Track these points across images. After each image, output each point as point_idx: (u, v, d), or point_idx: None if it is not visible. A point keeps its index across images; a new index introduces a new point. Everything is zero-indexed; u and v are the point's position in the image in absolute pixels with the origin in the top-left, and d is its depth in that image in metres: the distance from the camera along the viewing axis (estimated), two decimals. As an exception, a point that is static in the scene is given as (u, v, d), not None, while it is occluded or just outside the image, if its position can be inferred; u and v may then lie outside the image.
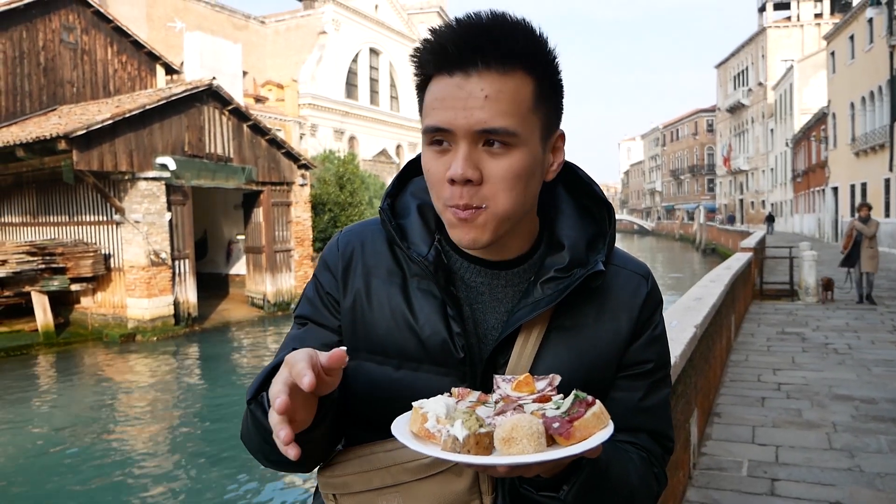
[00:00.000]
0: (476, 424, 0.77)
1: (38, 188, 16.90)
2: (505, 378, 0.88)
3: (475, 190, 0.88)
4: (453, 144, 0.88)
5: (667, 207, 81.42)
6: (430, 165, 0.91)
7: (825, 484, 4.13)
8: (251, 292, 20.01)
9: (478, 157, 0.88)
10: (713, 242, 41.77)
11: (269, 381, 0.86)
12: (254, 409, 0.89)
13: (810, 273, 12.29)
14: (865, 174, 26.78)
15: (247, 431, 0.96)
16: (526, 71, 0.88)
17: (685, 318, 4.29)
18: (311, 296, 1.06)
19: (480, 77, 0.86)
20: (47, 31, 18.34)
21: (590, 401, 0.80)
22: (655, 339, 1.04)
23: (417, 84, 0.94)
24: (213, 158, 17.47)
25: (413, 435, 0.82)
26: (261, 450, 0.94)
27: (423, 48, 0.91)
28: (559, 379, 0.88)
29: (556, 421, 0.78)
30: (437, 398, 0.84)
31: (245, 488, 7.62)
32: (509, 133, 0.87)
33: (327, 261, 1.05)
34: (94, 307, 16.34)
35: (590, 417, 0.78)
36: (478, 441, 0.76)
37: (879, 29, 24.72)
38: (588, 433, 0.78)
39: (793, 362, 7.49)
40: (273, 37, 33.23)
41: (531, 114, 0.89)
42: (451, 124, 0.87)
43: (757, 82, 51.24)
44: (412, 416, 0.84)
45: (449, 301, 0.96)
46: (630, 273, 1.05)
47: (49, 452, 8.82)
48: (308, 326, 1.04)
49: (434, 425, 0.80)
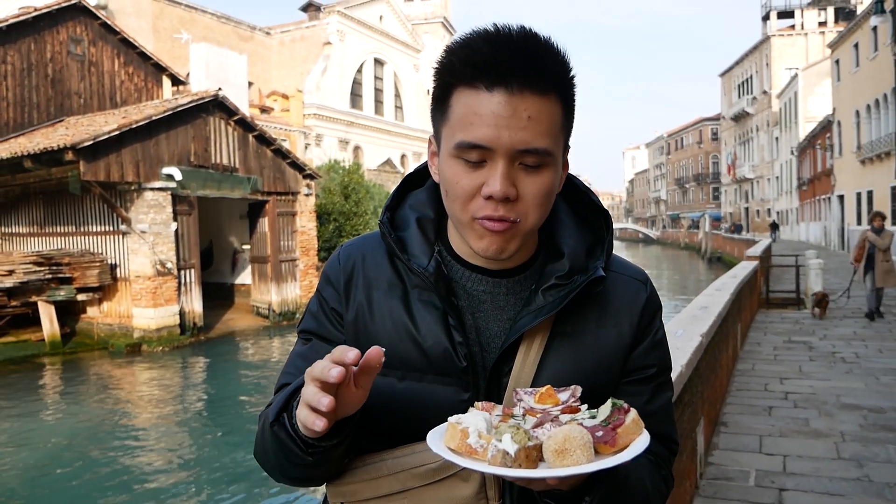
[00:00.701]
0: (525, 438, 0.78)
1: (45, 199, 16.98)
2: (527, 391, 0.89)
3: (511, 205, 0.90)
4: (490, 161, 0.89)
5: (672, 216, 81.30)
6: (459, 178, 0.91)
7: (833, 494, 4.10)
8: (256, 302, 20.03)
9: (515, 174, 0.89)
10: (719, 251, 41.65)
11: (289, 403, 0.90)
12: (277, 431, 0.90)
13: (817, 281, 12.23)
14: (871, 182, 26.70)
15: (264, 450, 0.98)
16: (557, 94, 0.90)
17: (691, 327, 4.28)
18: (315, 311, 1.06)
19: (523, 97, 0.87)
20: (55, 43, 18.50)
21: (626, 408, 0.82)
22: (657, 344, 1.06)
23: (438, 90, 0.94)
24: (219, 169, 17.54)
25: (452, 451, 0.82)
26: (279, 467, 0.96)
27: (457, 56, 0.90)
28: (581, 390, 0.89)
29: (598, 430, 0.80)
30: (474, 413, 0.85)
31: (251, 497, 7.60)
32: (548, 153, 0.89)
33: (329, 275, 1.06)
34: (100, 317, 16.38)
35: (630, 424, 0.80)
36: (528, 455, 0.77)
37: (884, 37, 24.70)
38: (629, 439, 0.80)
39: (800, 371, 7.45)
40: (278, 48, 33.41)
41: (560, 134, 0.92)
42: (493, 142, 0.87)
43: (761, 90, 51.22)
44: (449, 431, 0.83)
45: (450, 311, 0.97)
46: (629, 279, 1.06)
47: (55, 462, 8.82)
48: (313, 343, 1.05)
49: (476, 441, 0.80)
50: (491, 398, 0.95)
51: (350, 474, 1.00)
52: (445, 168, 0.94)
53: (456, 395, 0.96)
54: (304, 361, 1.04)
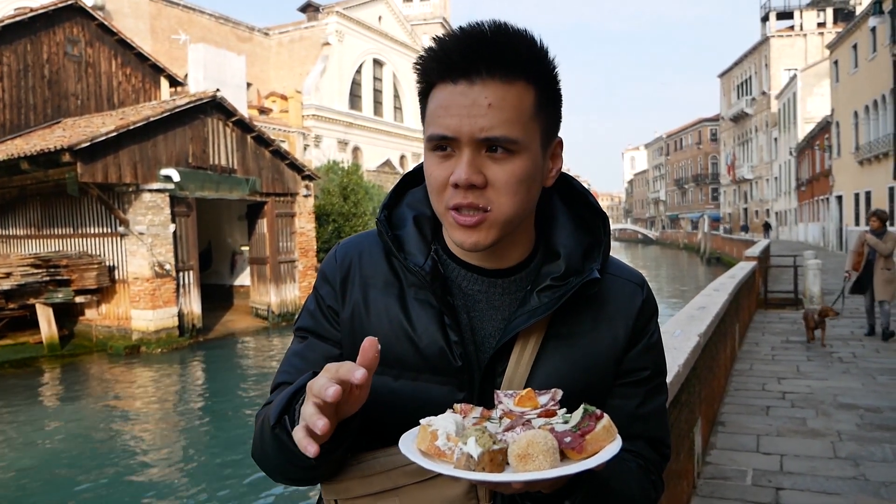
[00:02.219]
0: (490, 442, 0.77)
1: (43, 200, 16.97)
2: (507, 393, 0.88)
3: (479, 192, 0.90)
4: (457, 151, 0.90)
5: (671, 217, 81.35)
6: (432, 170, 0.93)
7: (830, 493, 4.10)
8: (255, 303, 20.02)
9: (481, 162, 0.89)
10: (717, 251, 41.67)
11: (290, 405, 0.89)
12: (279, 434, 0.89)
13: (815, 282, 12.24)
14: (870, 183, 26.72)
15: (263, 451, 0.97)
16: (527, 80, 0.90)
17: (689, 327, 4.28)
18: (312, 308, 1.06)
19: (484, 85, 0.87)
20: (51, 44, 18.49)
21: (598, 414, 0.81)
22: (652, 347, 1.06)
23: (420, 91, 0.96)
24: (217, 170, 17.53)
25: (422, 453, 0.82)
26: (279, 469, 0.96)
27: (426, 56, 0.92)
28: (561, 393, 0.88)
29: (567, 435, 0.79)
30: (445, 415, 0.84)
31: (249, 497, 7.59)
32: (511, 141, 0.88)
33: (326, 273, 1.06)
34: (98, 319, 16.36)
35: (600, 431, 0.79)
36: (492, 458, 0.76)
37: (882, 38, 24.72)
38: (599, 446, 0.79)
39: (797, 371, 7.45)
40: (277, 48, 33.41)
41: (532, 121, 0.91)
42: (456, 132, 0.88)
43: (760, 91, 51.27)
44: (420, 433, 0.83)
45: (446, 310, 0.97)
46: (625, 281, 1.06)
47: (53, 465, 8.81)
48: (309, 340, 1.05)
49: (445, 443, 0.80)
50: (485, 398, 0.95)
51: (344, 471, 1.00)
52: (425, 162, 0.96)
53: (451, 394, 0.95)
54: (300, 360, 1.04)
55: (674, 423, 3.29)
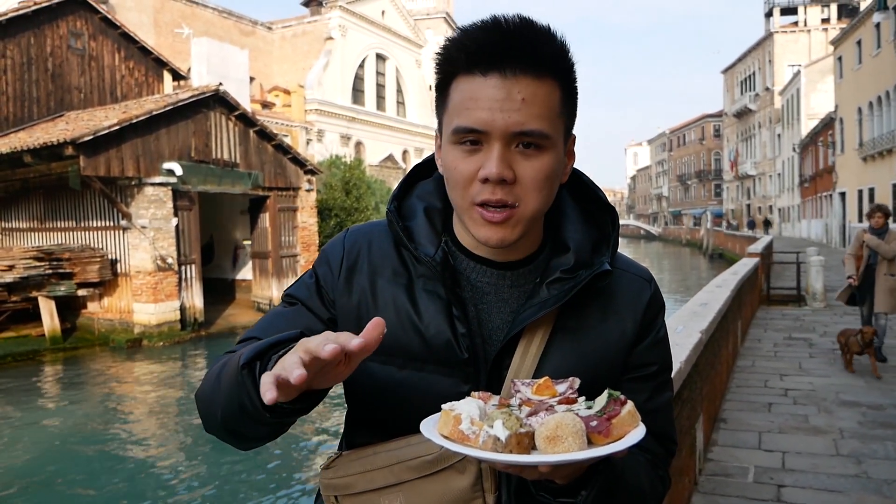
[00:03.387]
0: (517, 424, 0.77)
1: (46, 194, 16.98)
2: (524, 382, 0.88)
3: (509, 188, 0.89)
4: (486, 145, 0.89)
5: (674, 213, 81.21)
6: (457, 164, 0.91)
7: (832, 490, 4.09)
8: (257, 297, 20.03)
9: (511, 157, 0.89)
10: (720, 248, 41.62)
11: (267, 353, 0.83)
12: (245, 377, 0.82)
13: (817, 279, 12.21)
14: (873, 179, 26.65)
15: (213, 391, 0.91)
16: (554, 78, 0.91)
17: (691, 324, 4.27)
18: (308, 282, 1.05)
19: (517, 80, 0.87)
20: (55, 38, 18.47)
21: (623, 399, 0.81)
22: (659, 342, 1.06)
23: (439, 81, 0.94)
24: (220, 164, 17.53)
25: (444, 437, 0.81)
26: (223, 416, 0.89)
27: (452, 45, 0.91)
28: (579, 382, 0.88)
29: (593, 419, 0.79)
30: (468, 400, 0.83)
31: (250, 490, 7.61)
32: (543, 135, 0.89)
33: (329, 257, 1.05)
34: (100, 312, 16.39)
35: (625, 415, 0.79)
36: (519, 441, 0.76)
37: (887, 34, 24.63)
38: (624, 431, 0.78)
39: (800, 368, 7.44)
40: (280, 42, 33.37)
41: (559, 118, 0.92)
42: (487, 125, 0.88)
43: (764, 87, 51.12)
44: (442, 418, 0.82)
45: (455, 302, 0.97)
46: (633, 276, 1.07)
47: (55, 458, 8.83)
48: (298, 307, 1.03)
49: (469, 427, 0.79)
50: (491, 390, 0.94)
51: (344, 467, 0.99)
52: (445, 155, 0.94)
53: (456, 386, 0.95)
54: (283, 321, 1.01)
55: (675, 420, 3.29)
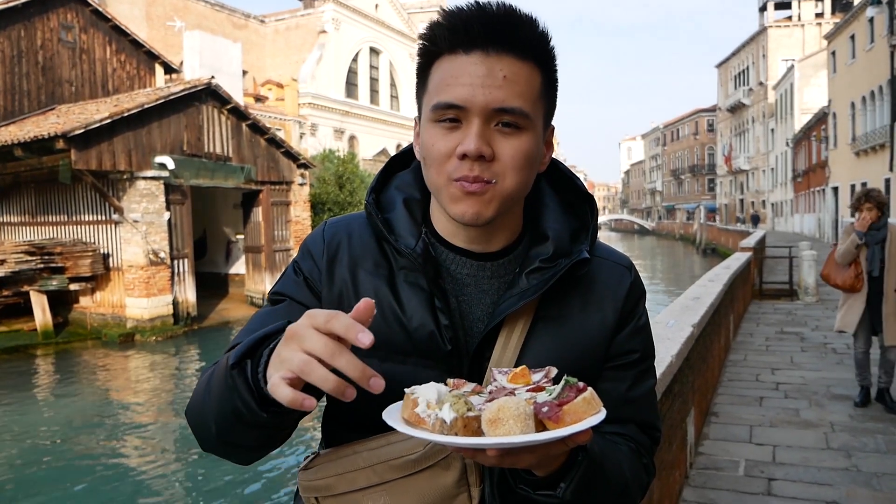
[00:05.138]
0: (464, 408, 0.76)
1: (37, 187, 16.88)
2: (501, 370, 0.87)
3: (487, 165, 0.89)
4: (465, 122, 0.89)
5: (667, 207, 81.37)
6: (435, 141, 0.91)
7: (822, 483, 4.11)
8: (250, 291, 20.00)
9: (490, 135, 0.89)
10: (713, 242, 41.74)
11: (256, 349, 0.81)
12: (235, 376, 0.79)
13: (810, 273, 12.26)
14: (866, 174, 26.74)
15: (203, 402, 0.87)
16: (536, 63, 0.91)
17: (683, 318, 4.26)
18: (293, 277, 1.04)
19: (500, 58, 0.88)
20: (45, 30, 18.32)
21: (581, 387, 0.79)
22: (640, 329, 1.06)
23: (422, 62, 0.94)
24: (213, 158, 17.45)
25: (404, 420, 0.80)
26: (218, 426, 0.84)
27: (438, 24, 0.92)
28: (555, 371, 0.86)
29: (545, 405, 0.77)
30: (430, 384, 0.82)
31: (241, 485, 7.60)
32: (524, 114, 0.89)
33: (311, 249, 1.04)
34: (92, 307, 16.33)
35: (580, 402, 0.77)
36: (465, 424, 0.75)
37: (880, 28, 24.67)
38: (578, 418, 0.76)
39: (791, 362, 7.47)
40: (273, 36, 33.20)
41: (539, 102, 0.92)
42: (468, 101, 0.87)
43: (758, 82, 51.16)
44: (404, 402, 0.82)
45: (437, 293, 0.96)
46: (613, 264, 1.06)
47: (47, 453, 8.80)
48: (287, 303, 1.01)
49: (424, 410, 0.78)
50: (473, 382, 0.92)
51: (324, 468, 0.97)
52: (424, 134, 0.94)
53: (439, 378, 0.91)
54: (274, 318, 0.96)
55: (667, 414, 3.29)
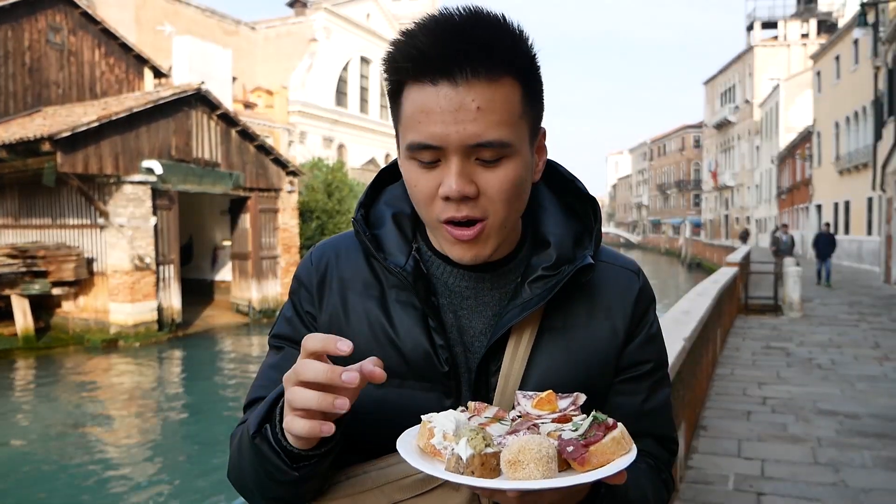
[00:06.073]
0: (482, 444, 0.71)
1: (21, 190, 16.67)
2: (526, 394, 0.83)
3: (473, 203, 0.84)
4: (443, 160, 0.84)
5: (653, 221, 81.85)
6: (417, 181, 0.86)
7: (810, 498, 4.12)
8: (236, 299, 19.85)
9: (471, 170, 0.83)
10: (698, 257, 42.01)
11: (271, 413, 0.83)
12: (259, 444, 0.83)
13: (794, 289, 12.37)
14: (849, 192, 27.07)
15: (240, 469, 0.90)
16: (513, 76, 0.83)
17: (674, 331, 4.28)
18: (289, 315, 1.01)
19: (469, 87, 0.80)
20: (33, 32, 18.16)
21: (610, 424, 0.74)
22: (652, 338, 1.01)
23: (390, 89, 0.88)
24: (201, 163, 17.35)
25: (419, 450, 0.77)
26: (259, 487, 0.88)
27: (397, 52, 0.84)
28: (584, 398, 0.82)
29: (570, 444, 0.72)
30: (449, 412, 0.79)
31: (222, 492, 7.51)
32: (504, 144, 0.83)
33: (301, 278, 1.01)
34: (75, 312, 16.11)
35: (608, 442, 0.72)
36: (483, 462, 0.70)
37: (865, 50, 25.05)
38: (606, 459, 0.72)
39: (778, 377, 7.51)
40: (263, 43, 33.15)
41: (521, 120, 0.85)
42: (442, 140, 0.81)
43: (744, 100, 51.75)
44: (420, 430, 0.79)
45: (430, 312, 0.92)
46: (620, 269, 1.01)
47: (26, 460, 8.66)
48: (286, 351, 0.99)
49: (440, 441, 0.75)
50: (479, 400, 0.89)
51: (331, 490, 0.93)
52: (403, 170, 0.89)
53: (438, 400, 0.90)
54: (277, 373, 0.95)
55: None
